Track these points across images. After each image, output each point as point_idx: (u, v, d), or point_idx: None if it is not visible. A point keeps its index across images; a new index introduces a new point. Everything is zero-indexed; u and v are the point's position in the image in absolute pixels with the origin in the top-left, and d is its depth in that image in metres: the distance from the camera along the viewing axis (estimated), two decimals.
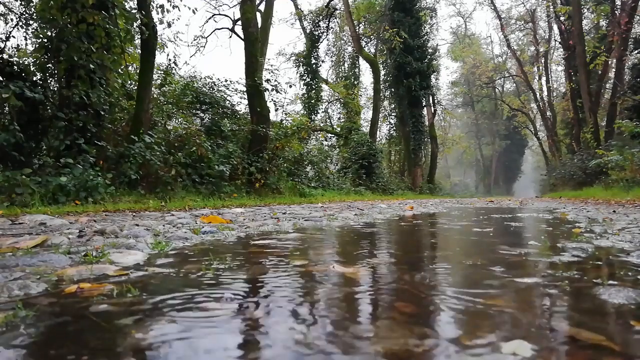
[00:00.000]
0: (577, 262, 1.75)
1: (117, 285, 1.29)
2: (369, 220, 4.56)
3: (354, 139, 22.85)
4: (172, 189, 8.77)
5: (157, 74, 13.13)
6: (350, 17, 25.65)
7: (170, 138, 10.19)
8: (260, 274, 1.53)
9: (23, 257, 1.69)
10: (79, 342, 0.84)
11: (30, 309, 1.04)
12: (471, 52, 43.19)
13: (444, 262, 1.81)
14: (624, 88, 19.78)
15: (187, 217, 4.49)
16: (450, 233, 3.20)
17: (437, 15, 32.56)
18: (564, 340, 0.86)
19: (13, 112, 7.11)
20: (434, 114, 32.18)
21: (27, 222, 3.56)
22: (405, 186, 26.07)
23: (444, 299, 1.17)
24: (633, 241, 2.34)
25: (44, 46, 7.93)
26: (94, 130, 7.96)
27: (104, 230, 2.70)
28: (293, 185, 13.84)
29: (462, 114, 58.92)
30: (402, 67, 26.67)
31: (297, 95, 28.17)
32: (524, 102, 42.26)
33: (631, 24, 20.22)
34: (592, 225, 3.55)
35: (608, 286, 1.26)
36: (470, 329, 0.91)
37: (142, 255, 1.87)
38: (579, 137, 24.60)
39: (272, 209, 7.15)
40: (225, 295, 1.20)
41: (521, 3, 33.61)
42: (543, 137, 39.96)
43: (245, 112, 14.41)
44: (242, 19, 13.68)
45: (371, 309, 1.10)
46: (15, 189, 5.76)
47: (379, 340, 0.84)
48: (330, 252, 2.10)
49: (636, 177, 12.66)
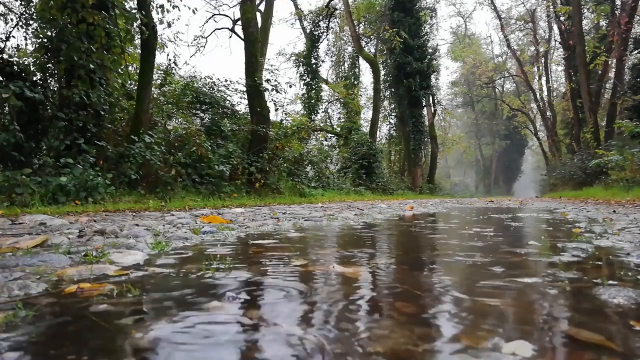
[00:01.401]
0: (577, 262, 1.75)
1: (117, 285, 1.29)
2: (369, 220, 4.56)
3: (354, 139, 22.86)
4: (172, 189, 8.77)
5: (157, 74, 13.13)
6: (350, 17, 25.65)
7: (170, 138, 10.19)
8: (261, 274, 1.53)
9: (23, 257, 1.69)
10: (79, 342, 0.84)
11: (30, 309, 1.04)
12: (471, 52, 43.20)
13: (444, 262, 1.81)
14: (624, 88, 19.78)
15: (187, 217, 4.49)
16: (450, 233, 3.20)
17: (437, 15, 32.62)
18: (564, 340, 0.86)
19: (13, 112, 7.11)
20: (434, 114, 32.19)
21: (27, 222, 3.55)
22: (405, 186, 26.08)
23: (444, 299, 1.17)
24: (633, 241, 2.34)
25: (44, 46, 7.93)
26: (94, 130, 7.96)
27: (104, 230, 2.69)
28: (293, 185, 13.84)
29: (462, 114, 58.93)
30: (402, 67, 26.67)
31: (297, 95, 28.19)
32: (524, 102, 42.26)
33: (631, 24, 20.22)
34: (592, 225, 3.55)
35: (608, 286, 1.26)
36: (471, 329, 0.91)
37: (142, 255, 1.87)
38: (579, 137, 24.60)
39: (272, 209, 7.15)
40: (225, 295, 1.20)
41: (521, 3, 33.68)
42: (543, 137, 39.97)
43: (245, 112, 14.42)
44: (242, 19, 13.68)
45: (371, 308, 1.10)
46: (15, 189, 5.76)
47: (379, 340, 0.84)
48: (330, 252, 2.10)
49: (636, 177, 12.66)
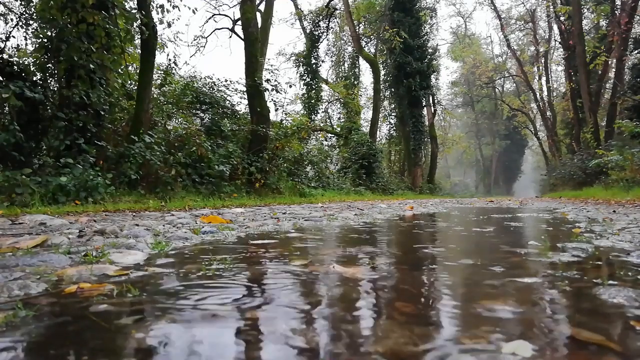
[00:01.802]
0: (577, 262, 1.75)
1: (117, 285, 1.29)
2: (369, 220, 4.56)
3: (354, 139, 22.86)
4: (172, 189, 8.77)
5: (157, 74, 13.13)
6: (350, 17, 25.65)
7: (170, 138, 10.20)
8: (261, 274, 1.53)
9: (23, 257, 1.69)
10: (79, 342, 0.84)
11: (30, 309, 1.04)
12: (471, 52, 43.19)
13: (444, 262, 1.81)
14: (624, 88, 19.78)
15: (187, 217, 4.49)
16: (450, 233, 3.20)
17: (437, 15, 32.62)
18: (564, 340, 0.86)
19: (13, 112, 7.11)
20: (434, 114, 32.20)
21: (27, 222, 3.55)
22: (405, 186, 26.07)
23: (444, 299, 1.17)
24: (633, 241, 2.34)
25: (44, 46, 7.93)
26: (94, 130, 7.96)
27: (104, 230, 2.69)
28: (293, 185, 13.84)
29: (462, 114, 58.92)
30: (402, 67, 26.67)
31: (297, 95, 28.18)
32: (524, 102, 42.25)
33: (631, 24, 20.22)
34: (592, 225, 3.55)
35: (608, 286, 1.26)
36: (471, 329, 0.91)
37: (142, 255, 1.87)
38: (579, 137, 24.60)
39: (272, 209, 7.15)
40: (225, 295, 1.20)
41: (521, 3, 33.66)
42: (543, 137, 39.96)
43: (245, 112, 14.41)
44: (242, 19, 13.68)
45: (371, 308, 1.10)
46: (15, 189, 5.76)
47: (379, 340, 0.84)
48: (330, 252, 2.10)
49: (636, 177, 12.66)
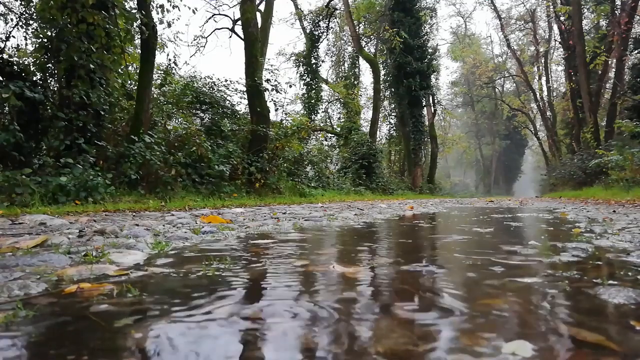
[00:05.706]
0: (577, 262, 1.75)
1: (117, 285, 1.29)
2: (369, 220, 4.56)
3: (354, 139, 22.86)
4: (172, 189, 8.77)
5: (157, 74, 13.13)
6: (350, 17, 25.66)
7: (170, 138, 10.20)
8: (261, 274, 1.53)
9: (23, 257, 1.69)
10: (79, 342, 0.84)
11: (30, 309, 1.04)
12: (471, 52, 43.21)
13: (444, 262, 1.81)
14: (624, 88, 19.79)
15: (187, 217, 4.49)
16: (450, 233, 3.20)
17: (437, 15, 32.62)
18: (564, 340, 0.86)
19: (13, 112, 7.11)
20: (434, 114, 32.20)
21: (27, 222, 3.55)
22: (405, 186, 26.08)
23: (444, 299, 1.17)
24: (633, 241, 2.34)
25: (44, 46, 7.93)
26: (94, 130, 7.96)
27: (104, 230, 2.69)
28: (293, 185, 13.84)
29: (462, 114, 58.91)
30: (402, 67, 26.66)
31: (297, 95, 28.18)
32: (524, 102, 42.24)
33: (631, 24, 20.22)
34: (592, 225, 3.54)
35: (608, 286, 1.26)
36: (470, 329, 0.91)
37: (142, 255, 1.87)
38: (579, 137, 24.59)
39: (272, 209, 7.15)
40: (225, 295, 1.20)
41: (521, 3, 33.67)
42: (543, 137, 39.96)
43: (245, 112, 14.42)
44: (242, 19, 13.69)
45: (371, 308, 1.10)
46: (15, 189, 5.76)
47: (378, 340, 0.84)
48: (330, 252, 2.10)
49: (636, 177, 12.66)
